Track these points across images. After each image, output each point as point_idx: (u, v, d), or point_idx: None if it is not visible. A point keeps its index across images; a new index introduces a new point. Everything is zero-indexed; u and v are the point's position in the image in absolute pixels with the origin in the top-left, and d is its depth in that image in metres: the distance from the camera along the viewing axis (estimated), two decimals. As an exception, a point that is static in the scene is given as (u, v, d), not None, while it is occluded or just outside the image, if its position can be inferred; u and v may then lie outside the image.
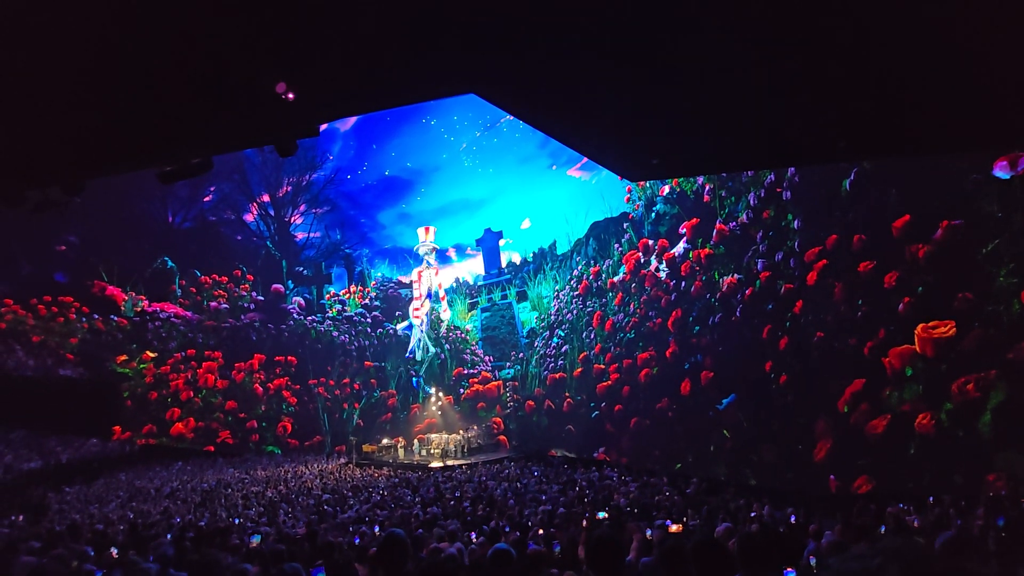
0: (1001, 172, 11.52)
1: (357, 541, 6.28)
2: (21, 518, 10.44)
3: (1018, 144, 9.67)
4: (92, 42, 3.56)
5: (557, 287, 28.15)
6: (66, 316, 25.95)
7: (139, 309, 27.33)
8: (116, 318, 26.67)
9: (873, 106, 4.39)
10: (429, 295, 28.18)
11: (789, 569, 2.69)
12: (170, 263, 29.63)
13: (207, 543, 5.91)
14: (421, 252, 28.15)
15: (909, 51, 3.68)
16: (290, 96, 3.87)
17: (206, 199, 36.07)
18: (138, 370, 26.01)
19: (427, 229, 28.45)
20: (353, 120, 40.68)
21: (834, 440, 13.97)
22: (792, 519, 6.59)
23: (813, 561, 3.62)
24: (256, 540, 5.50)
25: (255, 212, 37.22)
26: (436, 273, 28.18)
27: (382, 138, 42.22)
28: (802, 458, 14.63)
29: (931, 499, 7.92)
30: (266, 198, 37.34)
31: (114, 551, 5.45)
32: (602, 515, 4.34)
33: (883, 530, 4.98)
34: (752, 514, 7.38)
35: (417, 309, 28.13)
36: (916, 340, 12.52)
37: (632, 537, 4.00)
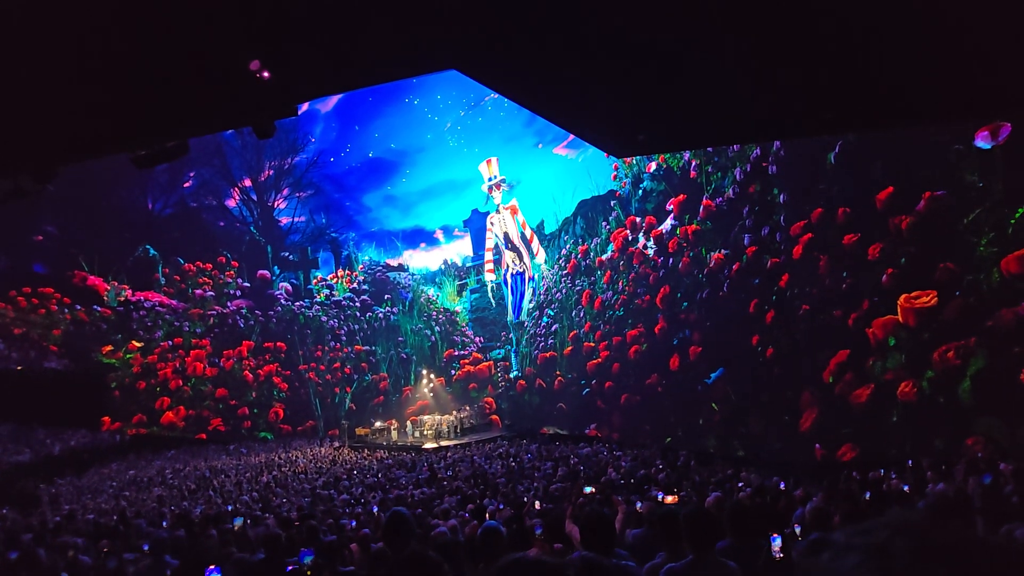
0: (982, 142, 11.60)
1: (352, 524, 6.34)
2: (10, 510, 10.37)
3: (1000, 114, 9.72)
4: (59, 21, 3.41)
5: (545, 266, 28.16)
6: (47, 308, 25.49)
7: (123, 299, 26.90)
8: (99, 308, 26.25)
9: (857, 77, 4.36)
10: (508, 244, 21.95)
11: (775, 535, 2.76)
12: (152, 251, 29.10)
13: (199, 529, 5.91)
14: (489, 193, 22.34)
15: (893, 19, 3.65)
16: (265, 75, 3.74)
17: (186, 185, 35.28)
18: (125, 360, 25.73)
19: (488, 162, 22.83)
20: (334, 101, 39.84)
21: (819, 410, 14.28)
22: (780, 486, 6.74)
23: (798, 529, 3.71)
24: (238, 523, 5.52)
25: (237, 197, 36.52)
26: (514, 213, 21.04)
27: (365, 119, 41.43)
28: (788, 428, 14.95)
29: (909, 463, 8.15)
30: (248, 183, 36.61)
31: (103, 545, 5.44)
32: (589, 490, 4.40)
33: (868, 496, 5.10)
34: (740, 484, 7.56)
35: (489, 261, 21.93)
36: (899, 310, 12.74)
37: (618, 510, 4.07)
